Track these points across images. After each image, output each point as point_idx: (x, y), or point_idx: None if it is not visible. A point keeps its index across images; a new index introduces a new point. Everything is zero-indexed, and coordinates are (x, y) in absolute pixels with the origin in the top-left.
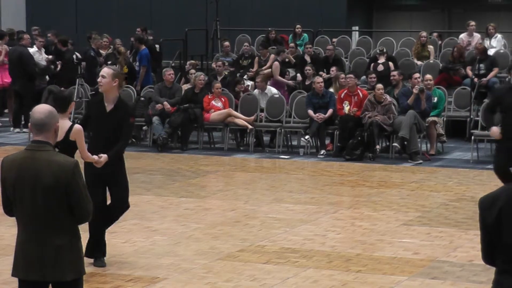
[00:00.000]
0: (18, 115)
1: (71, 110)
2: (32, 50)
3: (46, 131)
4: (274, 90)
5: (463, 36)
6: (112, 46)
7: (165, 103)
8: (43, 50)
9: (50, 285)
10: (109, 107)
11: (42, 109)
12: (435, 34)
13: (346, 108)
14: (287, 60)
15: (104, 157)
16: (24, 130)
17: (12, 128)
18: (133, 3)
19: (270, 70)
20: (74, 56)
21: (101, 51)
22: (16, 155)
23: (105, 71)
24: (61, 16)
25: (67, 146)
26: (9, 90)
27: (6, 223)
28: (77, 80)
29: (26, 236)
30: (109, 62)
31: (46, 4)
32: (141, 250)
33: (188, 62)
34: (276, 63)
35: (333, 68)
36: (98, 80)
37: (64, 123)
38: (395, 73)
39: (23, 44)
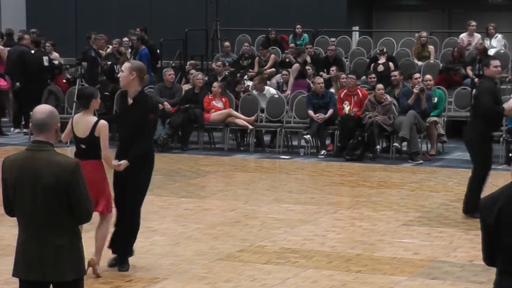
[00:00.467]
0: (18, 115)
1: (96, 107)
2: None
3: (47, 131)
4: (273, 91)
5: (463, 36)
6: (110, 46)
7: (166, 103)
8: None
9: (51, 285)
10: (130, 101)
11: (43, 109)
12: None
13: (347, 108)
14: (287, 60)
15: (123, 163)
16: (24, 130)
17: (12, 129)
18: (133, 3)
19: (273, 70)
20: (45, 58)
21: (102, 52)
22: (16, 155)
23: (124, 65)
24: (61, 16)
25: (93, 142)
26: (4, 92)
27: (7, 224)
28: (77, 80)
29: (27, 236)
30: (109, 63)
31: (46, 4)
32: (141, 250)
33: (188, 63)
34: (296, 64)
35: (333, 68)
36: (118, 75)
37: (89, 119)
38: (395, 73)
39: (24, 44)
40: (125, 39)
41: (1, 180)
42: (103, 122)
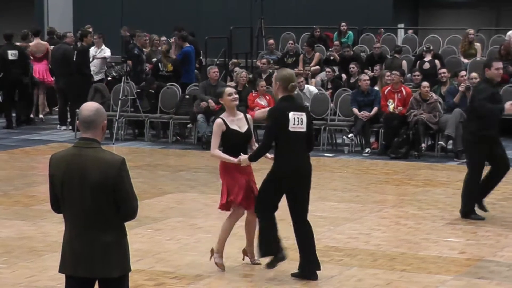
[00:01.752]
0: (63, 112)
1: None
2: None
3: (94, 128)
4: (312, 89)
5: (510, 33)
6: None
7: (210, 100)
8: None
9: (97, 281)
10: None
11: (90, 107)
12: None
13: (391, 106)
14: (332, 58)
15: (243, 157)
16: (71, 127)
17: (58, 126)
18: (178, 2)
19: (317, 67)
20: (10, 52)
21: (146, 49)
22: (64, 152)
23: (274, 75)
24: (107, 15)
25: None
26: (51, 87)
27: (53, 220)
28: (123, 78)
29: (75, 233)
30: (154, 60)
31: (92, 3)
32: (186, 247)
33: (230, 62)
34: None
35: (377, 67)
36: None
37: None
38: (443, 70)
39: (67, 42)
40: (163, 38)
41: (49, 176)
42: (217, 121)
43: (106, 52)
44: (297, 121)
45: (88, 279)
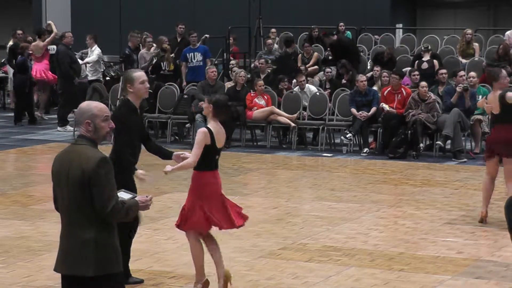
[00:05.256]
0: (63, 112)
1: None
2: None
3: (79, 125)
4: (313, 88)
5: (509, 33)
6: (154, 45)
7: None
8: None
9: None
10: None
11: (81, 105)
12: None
13: (386, 106)
14: (330, 57)
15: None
16: (68, 127)
17: (58, 127)
18: (176, 2)
19: (316, 67)
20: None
21: (146, 51)
22: (62, 150)
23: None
24: (105, 15)
25: None
26: (49, 85)
27: (51, 219)
28: (121, 78)
29: (62, 230)
30: (155, 61)
31: (90, 3)
32: (184, 247)
33: (231, 62)
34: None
35: (378, 67)
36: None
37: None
38: (444, 71)
39: (64, 43)
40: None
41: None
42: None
43: (94, 53)
44: None
45: (74, 277)
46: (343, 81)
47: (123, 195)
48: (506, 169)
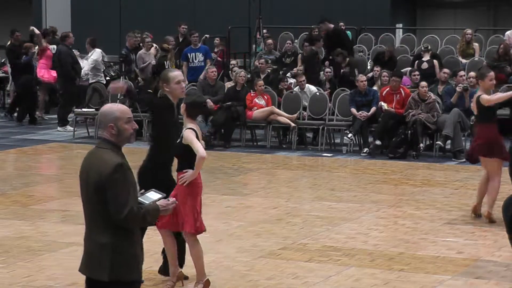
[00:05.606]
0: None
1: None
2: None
3: (103, 129)
4: (313, 88)
5: (509, 33)
6: (154, 44)
7: (208, 100)
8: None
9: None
10: None
11: (103, 108)
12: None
13: (385, 104)
14: (330, 57)
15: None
16: (68, 127)
17: (58, 127)
18: (176, 2)
19: None
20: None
21: (145, 51)
22: (87, 152)
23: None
24: (105, 15)
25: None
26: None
27: (51, 219)
28: (121, 78)
29: (85, 232)
30: (152, 61)
31: (90, 3)
32: None
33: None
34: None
35: (378, 67)
36: None
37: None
38: (446, 70)
39: (66, 43)
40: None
41: None
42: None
43: (94, 54)
44: None
45: (92, 280)
46: (342, 70)
47: (152, 195)
48: (487, 169)
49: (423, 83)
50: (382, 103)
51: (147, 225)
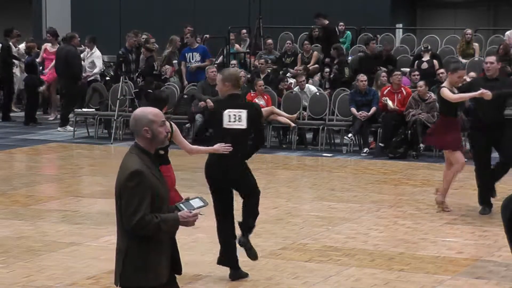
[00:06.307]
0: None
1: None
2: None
3: (136, 135)
4: (313, 88)
5: (509, 33)
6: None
7: (208, 100)
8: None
9: None
10: None
11: (132, 114)
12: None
13: (390, 102)
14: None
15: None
16: (68, 127)
17: (59, 128)
18: (176, 2)
19: (316, 66)
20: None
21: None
22: None
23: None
24: (105, 14)
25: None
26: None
27: (51, 219)
28: (121, 78)
29: None
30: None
31: (90, 3)
32: (184, 247)
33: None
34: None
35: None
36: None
37: None
38: (442, 70)
39: (73, 44)
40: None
41: None
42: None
43: (94, 54)
44: (233, 118)
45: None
46: (335, 67)
47: (195, 202)
48: (449, 158)
49: (421, 83)
50: (388, 100)
51: (166, 234)
